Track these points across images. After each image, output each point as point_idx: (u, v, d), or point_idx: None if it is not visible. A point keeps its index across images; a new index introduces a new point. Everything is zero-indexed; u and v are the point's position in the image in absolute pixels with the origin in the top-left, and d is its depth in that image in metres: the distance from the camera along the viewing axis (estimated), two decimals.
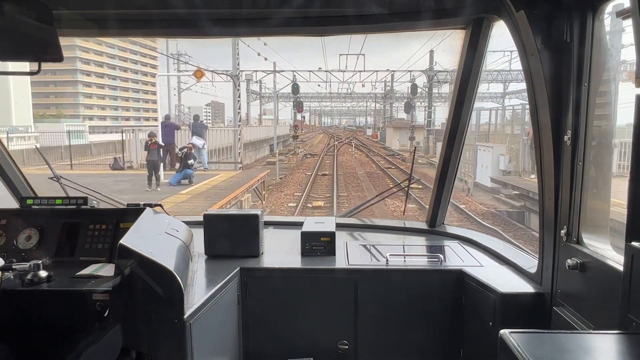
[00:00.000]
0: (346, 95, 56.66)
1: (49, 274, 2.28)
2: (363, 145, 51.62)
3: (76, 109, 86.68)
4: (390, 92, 55.06)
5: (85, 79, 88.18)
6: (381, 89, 57.02)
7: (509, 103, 40.80)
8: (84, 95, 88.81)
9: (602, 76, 2.02)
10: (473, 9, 2.52)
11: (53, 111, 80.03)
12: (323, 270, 2.80)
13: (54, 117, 70.00)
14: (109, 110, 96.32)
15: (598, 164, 2.08)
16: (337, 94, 55.88)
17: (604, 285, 1.89)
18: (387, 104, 62.50)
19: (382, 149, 46.96)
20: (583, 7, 1.96)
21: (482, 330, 2.48)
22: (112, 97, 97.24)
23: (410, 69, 39.42)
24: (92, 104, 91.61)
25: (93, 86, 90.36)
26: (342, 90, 53.57)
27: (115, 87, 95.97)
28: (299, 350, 2.82)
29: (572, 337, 1.55)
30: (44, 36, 1.90)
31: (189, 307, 2.10)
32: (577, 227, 2.11)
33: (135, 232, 2.17)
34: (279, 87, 44.03)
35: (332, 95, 57.52)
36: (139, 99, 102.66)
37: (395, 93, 55.00)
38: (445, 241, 3.34)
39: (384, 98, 59.83)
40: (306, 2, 2.46)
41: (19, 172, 3.36)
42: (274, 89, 44.99)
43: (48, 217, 2.69)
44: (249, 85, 43.29)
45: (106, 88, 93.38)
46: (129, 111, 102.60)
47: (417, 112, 63.13)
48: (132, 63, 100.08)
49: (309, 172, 26.89)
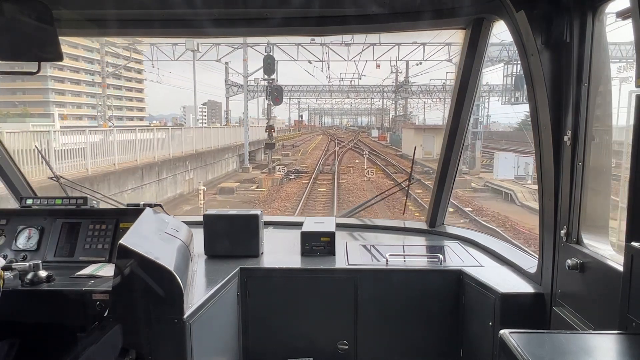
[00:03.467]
0: (349, 87, 47.21)
1: (48, 274, 2.28)
2: (374, 153, 37.28)
3: (46, 107, 73.30)
4: (405, 83, 44.46)
5: (57, 73, 76.71)
6: (391, 81, 46.92)
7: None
8: (55, 92, 77.26)
9: (602, 76, 2.02)
10: (473, 9, 2.52)
11: (19, 109, 68.37)
12: (323, 270, 2.80)
13: (19, 116, 60.02)
14: (86, 109, 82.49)
15: (598, 164, 2.08)
16: (338, 85, 46.71)
17: (603, 286, 1.89)
18: (400, 99, 50.20)
19: (400, 159, 33.76)
20: (583, 7, 1.96)
21: (482, 330, 2.48)
22: (90, 95, 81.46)
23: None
24: (66, 101, 79.63)
25: (67, 82, 79.95)
26: (343, 82, 44.79)
27: (93, 83, 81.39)
28: (298, 350, 2.82)
29: (571, 338, 1.55)
30: (44, 36, 1.90)
31: (188, 307, 2.10)
32: (577, 227, 2.11)
33: (135, 232, 2.17)
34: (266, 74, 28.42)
35: (331, 89, 48.95)
36: (122, 96, 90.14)
37: (411, 85, 44.26)
38: (445, 241, 3.34)
39: (396, 92, 48.53)
40: (306, 2, 2.46)
41: (18, 172, 3.36)
42: (244, 71, 32.41)
43: (48, 217, 2.69)
44: (227, 74, 36.96)
45: (82, 84, 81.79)
46: (110, 109, 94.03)
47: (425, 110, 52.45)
48: (113, 57, 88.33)
49: (287, 212, 16.00)
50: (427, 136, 33.04)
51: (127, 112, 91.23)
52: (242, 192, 21.32)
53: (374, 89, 49.91)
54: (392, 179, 23.12)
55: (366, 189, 20.38)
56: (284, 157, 36.23)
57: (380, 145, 49.38)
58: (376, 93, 51.61)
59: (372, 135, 70.22)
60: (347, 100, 71.98)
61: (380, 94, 51.88)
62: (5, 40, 1.91)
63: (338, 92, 50.50)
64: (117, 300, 2.08)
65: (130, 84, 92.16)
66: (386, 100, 55.12)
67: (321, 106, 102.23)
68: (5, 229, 2.64)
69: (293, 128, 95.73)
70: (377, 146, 47.45)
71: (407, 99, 48.60)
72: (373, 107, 79.89)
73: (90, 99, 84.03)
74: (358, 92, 50.65)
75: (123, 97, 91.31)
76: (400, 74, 45.71)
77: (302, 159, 35.74)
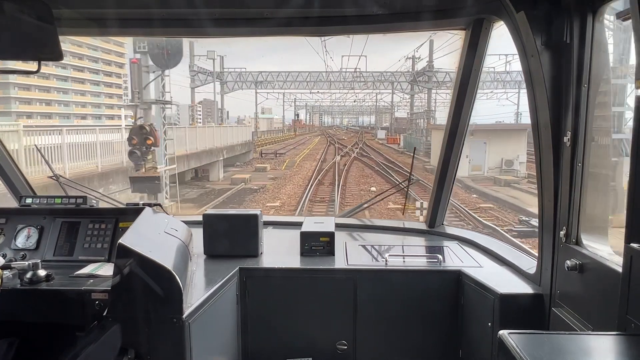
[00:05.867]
0: (354, 75, 38.86)
1: (48, 273, 2.28)
2: (391, 166, 25.52)
3: (7, 104, 66.56)
4: (429, 69, 33.55)
5: (21, 66, 72.42)
6: (407, 68, 36.98)
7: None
8: (18, 86, 68.67)
9: (602, 77, 2.02)
10: (473, 9, 2.52)
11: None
12: (322, 271, 2.80)
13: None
14: (56, 106, 74.86)
15: (598, 165, 2.08)
16: (339, 71, 39.54)
17: (603, 287, 1.89)
18: (419, 90, 39.16)
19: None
20: (583, 8, 1.96)
21: (481, 330, 2.48)
22: (62, 91, 75.42)
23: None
24: (32, 97, 71.71)
25: (33, 75, 72.67)
26: (346, 69, 38.23)
27: (65, 77, 75.66)
28: (297, 350, 2.82)
29: (570, 338, 1.55)
30: (44, 35, 1.89)
31: (187, 306, 2.10)
32: (576, 228, 2.11)
33: (134, 231, 2.17)
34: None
35: (330, 78, 40.76)
36: (100, 92, 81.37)
37: (436, 71, 33.87)
38: (444, 242, 3.34)
39: (414, 81, 37.61)
40: (306, 2, 2.46)
41: (18, 171, 3.36)
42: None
43: (47, 216, 2.69)
44: (192, 60, 30.81)
45: (52, 78, 73.76)
46: (85, 107, 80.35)
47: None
48: (91, 49, 77.04)
49: None
50: (477, 142, 21.18)
51: (106, 110, 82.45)
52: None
53: (383, 77, 40.24)
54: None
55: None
56: (257, 174, 24.89)
57: (392, 151, 38.46)
58: (385, 83, 42.05)
59: (378, 137, 58.79)
60: (349, 95, 61.92)
61: (390, 85, 42.38)
62: (5, 39, 1.91)
63: (339, 81, 41.79)
64: (116, 299, 2.08)
65: (110, 79, 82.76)
66: (397, 93, 44.86)
67: (319, 103, 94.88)
68: (4, 228, 2.64)
69: (290, 128, 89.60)
70: (388, 152, 36.67)
71: (430, 90, 36.05)
72: (379, 103, 67.78)
73: (62, 95, 76.13)
74: (365, 81, 40.74)
75: (102, 93, 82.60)
76: (418, 61, 36.18)
77: (277, 187, 21.73)
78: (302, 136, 75.62)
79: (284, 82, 42.71)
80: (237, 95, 49.70)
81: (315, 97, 74.04)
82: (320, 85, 42.99)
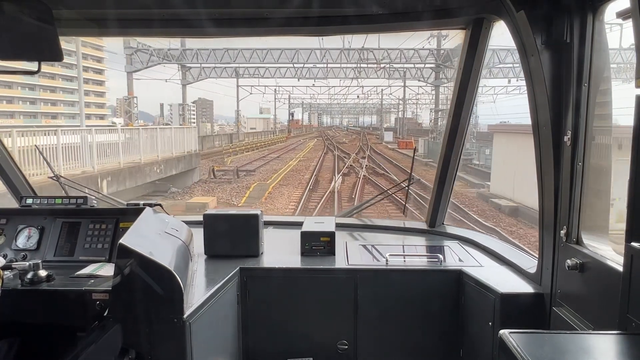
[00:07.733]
0: (359, 63, 31.34)
1: (48, 274, 2.28)
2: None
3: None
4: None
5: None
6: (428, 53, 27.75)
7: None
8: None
9: (602, 76, 2.02)
10: (473, 9, 2.52)
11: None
12: (323, 270, 2.80)
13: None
14: (21, 104, 68.22)
15: (598, 164, 2.08)
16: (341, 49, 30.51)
17: (603, 286, 1.89)
18: (447, 81, 30.28)
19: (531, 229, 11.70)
20: (583, 7, 1.96)
21: (482, 330, 2.48)
22: (28, 86, 68.85)
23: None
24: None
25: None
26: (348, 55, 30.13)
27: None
28: (298, 350, 2.82)
29: (571, 338, 1.55)
30: (44, 36, 1.89)
31: (188, 306, 2.10)
32: (576, 228, 2.11)
33: (135, 231, 2.17)
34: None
35: (327, 68, 33.93)
36: (74, 89, 69.26)
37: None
38: (445, 241, 3.34)
39: (439, 67, 28.78)
40: (306, 2, 2.46)
41: (18, 171, 3.36)
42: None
43: (48, 217, 2.69)
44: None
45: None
46: (56, 106, 73.42)
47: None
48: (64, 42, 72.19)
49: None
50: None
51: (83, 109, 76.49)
52: None
53: (404, 55, 29.27)
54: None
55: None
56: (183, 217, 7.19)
57: (408, 160, 26.73)
58: (400, 71, 32.34)
59: (384, 140, 48.97)
60: (351, 89, 52.82)
61: (404, 73, 32.38)
62: (5, 39, 1.91)
63: (339, 67, 33.28)
64: (116, 299, 2.08)
65: (86, 74, 73.20)
66: (414, 84, 34.04)
67: (317, 101, 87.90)
68: (5, 229, 2.64)
69: (285, 129, 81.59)
70: (406, 162, 26.03)
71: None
72: (385, 100, 54.60)
73: (28, 92, 69.63)
74: (377, 62, 31.12)
75: (76, 90, 70.61)
76: (445, 39, 27.16)
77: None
78: (295, 138, 64.34)
79: (276, 70, 35.03)
80: (234, 93, 47.26)
81: (311, 92, 65.24)
82: (316, 72, 35.22)
